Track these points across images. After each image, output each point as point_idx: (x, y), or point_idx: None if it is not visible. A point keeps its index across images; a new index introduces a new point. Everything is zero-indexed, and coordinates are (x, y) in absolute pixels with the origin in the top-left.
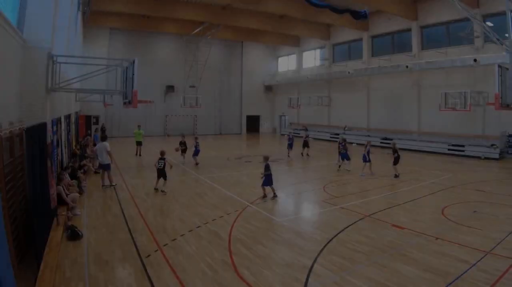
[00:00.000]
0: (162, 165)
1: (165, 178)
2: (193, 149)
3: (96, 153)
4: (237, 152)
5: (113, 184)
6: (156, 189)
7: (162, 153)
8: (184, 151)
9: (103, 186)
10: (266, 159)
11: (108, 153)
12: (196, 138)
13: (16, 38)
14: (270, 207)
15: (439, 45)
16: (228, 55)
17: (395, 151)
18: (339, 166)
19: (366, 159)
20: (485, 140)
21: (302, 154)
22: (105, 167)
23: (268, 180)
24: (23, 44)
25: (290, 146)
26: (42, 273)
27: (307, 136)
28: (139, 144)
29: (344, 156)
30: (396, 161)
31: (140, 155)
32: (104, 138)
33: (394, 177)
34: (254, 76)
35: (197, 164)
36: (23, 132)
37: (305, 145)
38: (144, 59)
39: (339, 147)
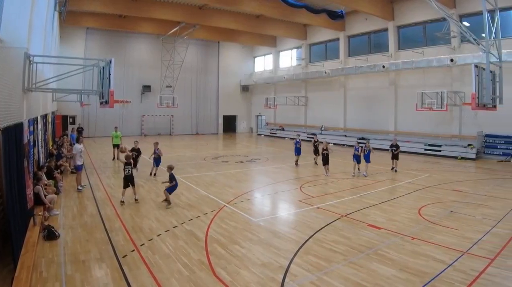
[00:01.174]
0: (129, 171)
1: (133, 184)
2: (153, 155)
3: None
4: (213, 152)
5: (81, 186)
6: (122, 202)
7: (128, 158)
8: (135, 159)
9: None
10: (170, 168)
11: (79, 155)
12: (156, 143)
13: None
14: (246, 207)
15: (416, 45)
16: (204, 55)
17: (397, 146)
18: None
19: (367, 160)
20: (462, 140)
21: (315, 162)
22: (76, 168)
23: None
24: None
25: (297, 151)
26: (18, 273)
27: (316, 141)
28: (116, 147)
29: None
30: (396, 156)
31: (118, 159)
32: (78, 139)
33: (395, 171)
34: (231, 76)
35: (154, 174)
36: (0, 133)
37: (317, 151)
38: (120, 59)
39: (317, 148)
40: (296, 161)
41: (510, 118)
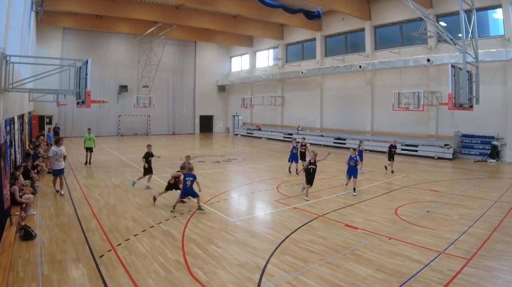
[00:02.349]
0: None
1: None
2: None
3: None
4: (190, 152)
5: (56, 189)
6: (154, 197)
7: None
8: (149, 163)
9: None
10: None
11: (55, 158)
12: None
13: None
14: (223, 207)
15: (393, 45)
16: (181, 55)
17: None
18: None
19: (360, 158)
20: (439, 141)
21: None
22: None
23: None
24: None
25: (294, 158)
26: None
27: (304, 145)
28: (89, 150)
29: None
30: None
31: (90, 163)
32: (58, 141)
33: (392, 172)
34: (208, 76)
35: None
36: None
37: (303, 157)
38: (97, 59)
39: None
40: (290, 167)
41: (486, 118)
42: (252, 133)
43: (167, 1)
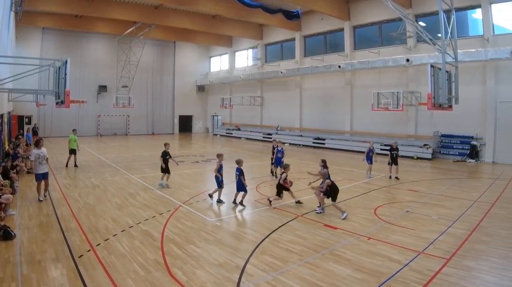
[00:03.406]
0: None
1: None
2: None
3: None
4: (170, 152)
5: (40, 199)
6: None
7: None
8: (167, 162)
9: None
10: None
11: (38, 161)
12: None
13: None
14: (202, 207)
15: (372, 45)
16: (160, 55)
17: (397, 149)
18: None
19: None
20: (418, 140)
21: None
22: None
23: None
24: None
25: (278, 163)
26: None
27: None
28: (73, 152)
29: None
30: (396, 160)
31: (75, 165)
32: (38, 143)
33: (396, 178)
34: (187, 76)
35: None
36: None
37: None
38: (76, 59)
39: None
40: (272, 170)
41: (466, 118)
42: (231, 134)
43: (146, 1)
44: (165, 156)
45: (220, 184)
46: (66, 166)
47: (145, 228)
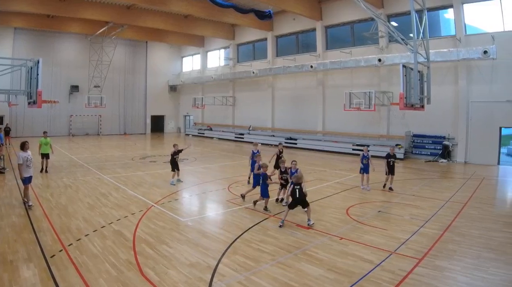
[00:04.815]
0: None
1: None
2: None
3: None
4: (141, 152)
5: (28, 202)
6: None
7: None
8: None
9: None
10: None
11: (25, 165)
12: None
13: None
14: (174, 207)
15: (344, 45)
16: (132, 55)
17: (394, 156)
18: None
19: (365, 170)
20: (390, 140)
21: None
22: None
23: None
24: None
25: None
26: None
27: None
28: (45, 156)
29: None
30: (393, 169)
31: (46, 171)
32: (23, 146)
33: (389, 189)
34: (159, 76)
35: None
36: None
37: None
38: (49, 59)
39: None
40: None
41: (438, 118)
42: (203, 134)
43: (118, 1)
44: (174, 155)
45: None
46: (41, 171)
47: (117, 228)
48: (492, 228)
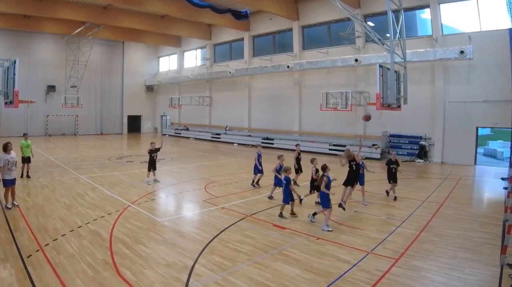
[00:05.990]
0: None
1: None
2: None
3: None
4: (118, 152)
5: (11, 204)
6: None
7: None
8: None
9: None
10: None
11: (7, 167)
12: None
13: None
14: (151, 207)
15: (321, 45)
16: (109, 55)
17: (396, 163)
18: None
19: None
20: (367, 140)
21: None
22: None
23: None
24: None
25: (258, 170)
26: None
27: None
28: (26, 161)
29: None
30: (395, 177)
31: (28, 177)
32: (5, 147)
33: (394, 198)
34: (136, 76)
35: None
36: None
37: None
38: (25, 59)
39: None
40: (258, 180)
41: (415, 118)
42: (180, 133)
43: (95, 1)
44: (151, 154)
45: (279, 183)
46: (21, 176)
47: (93, 228)
48: (469, 228)
